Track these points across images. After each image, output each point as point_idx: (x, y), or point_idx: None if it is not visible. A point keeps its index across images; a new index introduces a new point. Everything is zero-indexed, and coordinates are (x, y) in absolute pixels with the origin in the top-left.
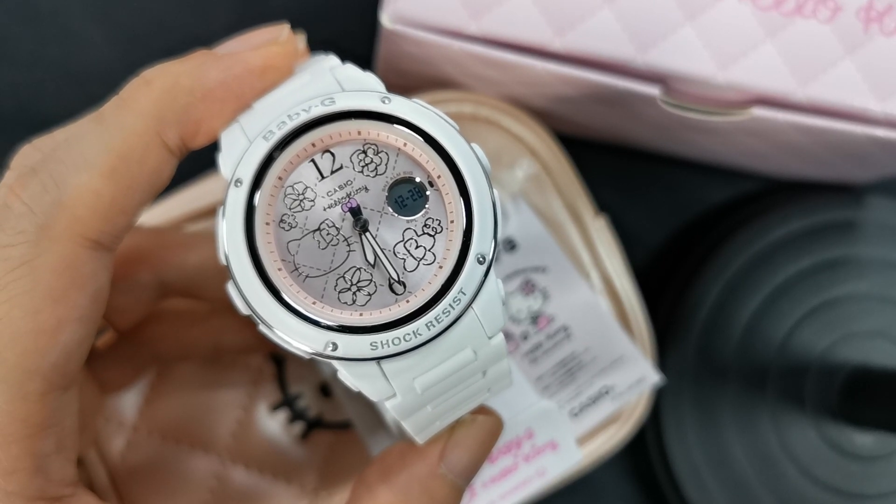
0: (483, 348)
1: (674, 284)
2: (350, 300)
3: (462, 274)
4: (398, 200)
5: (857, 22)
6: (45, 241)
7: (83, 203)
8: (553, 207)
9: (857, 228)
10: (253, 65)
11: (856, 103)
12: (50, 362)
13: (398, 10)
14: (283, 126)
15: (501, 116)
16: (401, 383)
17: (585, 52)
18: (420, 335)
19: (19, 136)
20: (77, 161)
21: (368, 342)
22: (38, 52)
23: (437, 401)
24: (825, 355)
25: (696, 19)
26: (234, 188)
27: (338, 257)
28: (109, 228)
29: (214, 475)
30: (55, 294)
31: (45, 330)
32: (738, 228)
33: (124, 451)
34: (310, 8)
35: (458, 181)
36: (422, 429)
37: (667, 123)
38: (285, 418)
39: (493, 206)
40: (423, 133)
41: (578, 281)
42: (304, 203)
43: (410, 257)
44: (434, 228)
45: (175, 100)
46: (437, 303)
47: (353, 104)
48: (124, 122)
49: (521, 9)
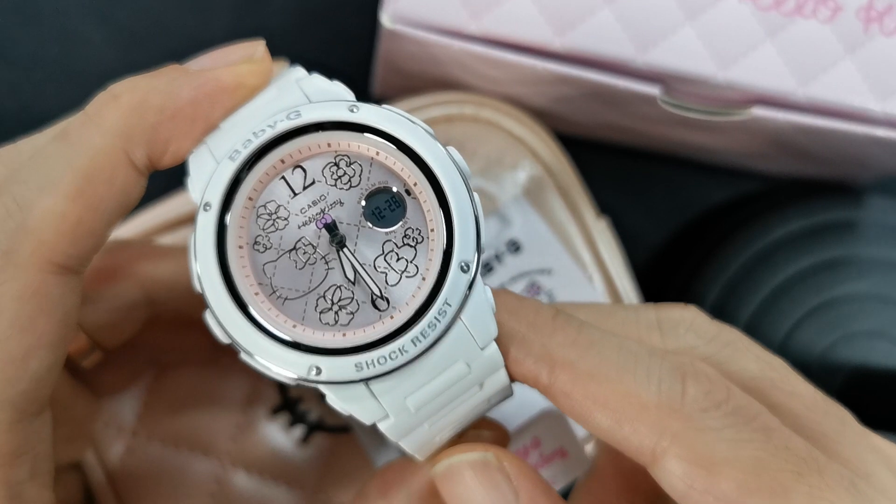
0: (476, 360)
1: (674, 284)
2: (332, 320)
3: (446, 284)
4: (375, 212)
5: (857, 22)
6: (9, 267)
7: (48, 227)
8: (555, 209)
9: (857, 228)
10: (225, 83)
11: (856, 103)
12: (19, 391)
13: (398, 10)
14: (248, 144)
15: (503, 118)
16: (392, 403)
17: (585, 52)
18: (407, 352)
19: (19, 136)
20: (41, 182)
21: (353, 363)
22: (38, 52)
23: (434, 418)
24: (825, 355)
25: (696, 19)
26: (204, 213)
27: (316, 276)
28: (76, 251)
29: (215, 479)
30: (22, 322)
31: (12, 359)
32: (738, 228)
33: (123, 455)
34: (310, 8)
35: (435, 188)
36: (421, 446)
37: (667, 123)
38: (286, 422)
39: (473, 211)
40: (395, 140)
41: (584, 283)
42: (278, 222)
43: (392, 270)
44: (415, 238)
45: (143, 118)
46: (422, 316)
47: (320, 115)
48: (90, 141)
49: (521, 8)
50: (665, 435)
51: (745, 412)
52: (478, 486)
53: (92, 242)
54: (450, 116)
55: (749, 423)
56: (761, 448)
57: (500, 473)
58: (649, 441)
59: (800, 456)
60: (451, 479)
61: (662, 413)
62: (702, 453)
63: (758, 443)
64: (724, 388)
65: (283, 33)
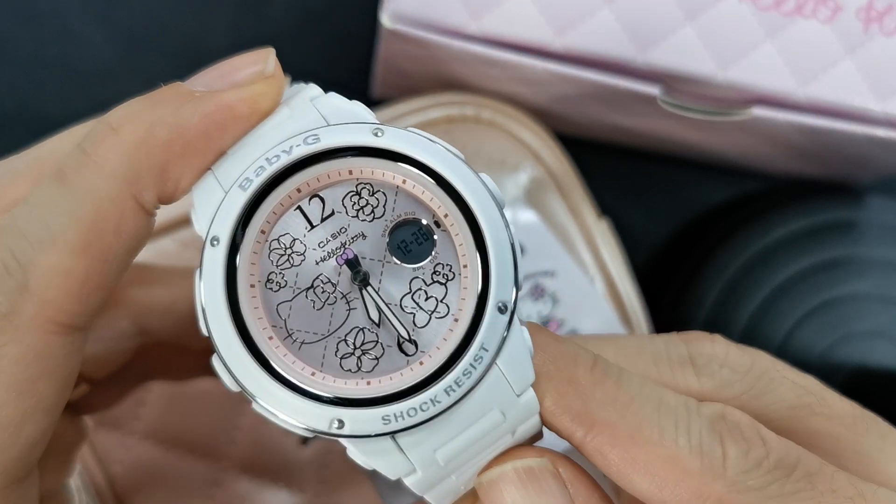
0: (512, 409)
1: (674, 284)
2: (354, 367)
3: (482, 327)
4: (401, 246)
5: (857, 22)
6: (10, 330)
7: (53, 285)
8: (556, 210)
9: (857, 228)
10: (238, 112)
11: (856, 103)
12: (12, 457)
13: (398, 10)
14: (261, 172)
15: (504, 119)
16: (420, 457)
17: (585, 52)
18: (439, 402)
19: (19, 136)
20: (42, 235)
21: (380, 416)
22: (38, 52)
23: (463, 469)
24: (825, 355)
25: (696, 19)
26: (211, 248)
27: (336, 318)
28: (83, 309)
29: (214, 481)
30: (20, 387)
31: (7, 425)
32: (738, 228)
33: (123, 457)
34: (310, 8)
35: (468, 219)
36: (444, 496)
37: (667, 123)
38: None
39: (510, 245)
40: (423, 167)
41: (586, 285)
42: (293, 258)
43: (421, 311)
44: (445, 275)
45: (150, 156)
46: (455, 363)
47: (341, 140)
48: (93, 186)
49: (521, 8)
50: (709, 500)
51: (785, 463)
52: (525, 494)
53: (100, 296)
54: (450, 117)
55: (791, 475)
56: (807, 498)
57: (555, 479)
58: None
59: (846, 496)
60: (494, 488)
61: (706, 479)
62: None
63: (803, 493)
64: (761, 443)
65: (284, 34)
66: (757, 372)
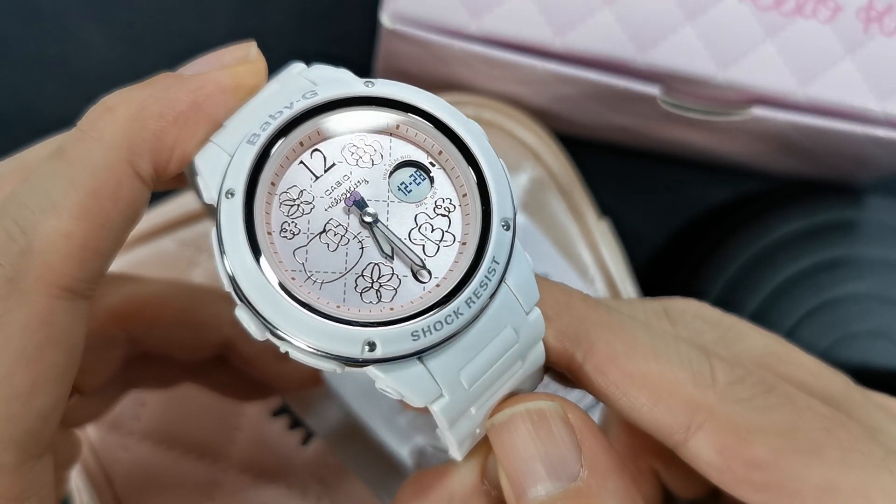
0: (523, 326)
1: (674, 284)
2: (375, 298)
3: (490, 242)
4: (402, 187)
5: (857, 22)
6: (15, 294)
7: (54, 248)
8: (556, 211)
9: (857, 228)
10: (223, 83)
11: (856, 103)
12: (24, 430)
13: (398, 10)
14: (267, 127)
15: (505, 120)
16: (447, 379)
17: (585, 52)
18: (462, 314)
19: (19, 137)
20: (42, 203)
21: (409, 332)
22: (38, 52)
23: (481, 399)
24: (825, 355)
25: (696, 19)
26: (227, 200)
27: (351, 256)
28: (84, 274)
29: (214, 481)
30: (29, 354)
31: (18, 395)
32: (738, 228)
33: (123, 457)
34: (310, 8)
35: (462, 151)
36: (464, 439)
37: (667, 123)
38: (285, 424)
39: (503, 168)
40: (415, 109)
41: (580, 286)
42: (303, 206)
43: (429, 241)
44: (446, 208)
45: (144, 126)
46: (470, 279)
47: (338, 93)
48: (91, 156)
49: (521, 8)
50: (700, 410)
51: (766, 383)
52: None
53: (100, 263)
54: None
55: (772, 391)
56: (789, 411)
57: (564, 424)
58: (684, 418)
59: (824, 415)
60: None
61: (698, 389)
62: (738, 423)
63: (785, 407)
64: (741, 364)
65: (284, 33)
66: (727, 324)
